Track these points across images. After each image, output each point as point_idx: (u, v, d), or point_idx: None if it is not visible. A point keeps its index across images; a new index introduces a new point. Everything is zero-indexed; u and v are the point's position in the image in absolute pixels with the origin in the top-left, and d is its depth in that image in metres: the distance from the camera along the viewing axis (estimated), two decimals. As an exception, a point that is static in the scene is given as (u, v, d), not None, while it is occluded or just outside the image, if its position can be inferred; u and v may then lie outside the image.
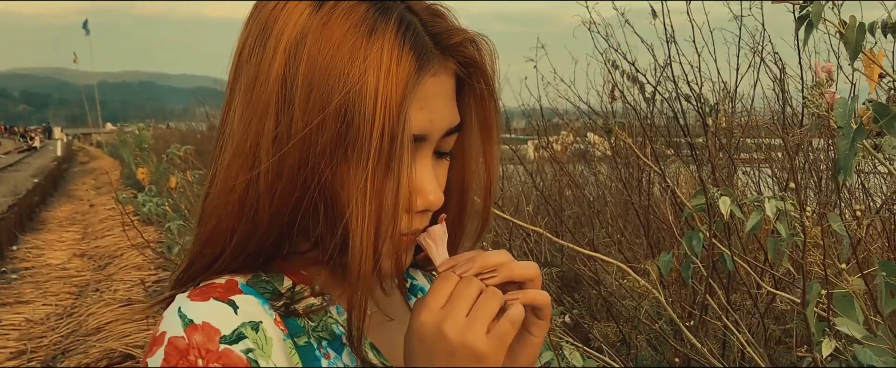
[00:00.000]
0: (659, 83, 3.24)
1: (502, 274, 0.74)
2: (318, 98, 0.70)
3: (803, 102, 2.27)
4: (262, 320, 0.74)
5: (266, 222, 0.74)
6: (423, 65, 0.72)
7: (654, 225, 3.28)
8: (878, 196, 3.07)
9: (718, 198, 2.37)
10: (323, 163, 0.71)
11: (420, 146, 0.76)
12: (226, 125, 0.77)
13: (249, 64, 0.75)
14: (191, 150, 6.89)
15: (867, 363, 1.61)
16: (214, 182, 0.77)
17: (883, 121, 1.55)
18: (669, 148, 3.81)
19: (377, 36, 0.71)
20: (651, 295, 2.60)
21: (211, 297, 0.74)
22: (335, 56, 0.70)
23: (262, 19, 0.75)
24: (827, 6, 1.86)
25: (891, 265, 1.70)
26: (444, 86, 0.76)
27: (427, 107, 0.74)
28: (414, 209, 0.76)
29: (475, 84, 0.79)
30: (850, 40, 1.86)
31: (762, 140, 3.96)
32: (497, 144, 0.84)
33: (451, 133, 0.78)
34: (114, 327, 5.28)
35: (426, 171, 0.77)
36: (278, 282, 0.79)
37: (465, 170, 0.83)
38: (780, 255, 2.13)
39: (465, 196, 0.84)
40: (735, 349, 2.73)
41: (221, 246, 0.76)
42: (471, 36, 0.77)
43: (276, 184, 0.72)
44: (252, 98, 0.73)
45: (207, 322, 0.71)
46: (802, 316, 2.88)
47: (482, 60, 0.78)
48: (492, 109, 0.81)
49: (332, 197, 0.73)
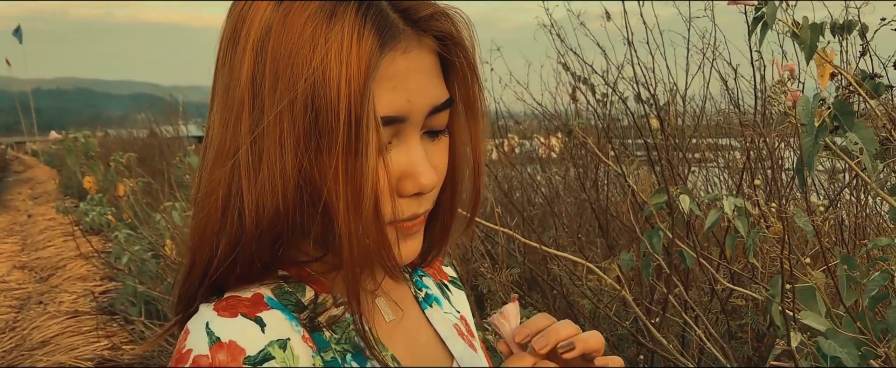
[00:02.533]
0: (616, 84, 3.28)
1: (579, 347, 0.73)
2: (284, 88, 0.69)
3: (765, 100, 2.32)
4: (289, 337, 0.72)
5: (252, 222, 0.71)
6: (387, 42, 0.70)
7: (612, 225, 3.32)
8: (826, 193, 3.16)
9: (678, 197, 2.41)
10: (299, 154, 0.69)
11: (403, 127, 0.73)
12: (209, 128, 0.76)
13: (224, 68, 0.74)
14: (134, 158, 6.77)
15: (831, 354, 1.65)
16: (200, 187, 0.75)
17: (843, 119, 1.59)
18: (622, 148, 3.86)
19: (337, 19, 0.69)
20: (615, 293, 2.63)
21: (238, 313, 0.72)
22: (297, 45, 0.69)
23: (231, 22, 0.74)
24: (780, 7, 1.91)
25: (851, 259, 1.75)
26: (419, 62, 0.73)
27: (401, 87, 0.71)
28: (405, 193, 0.74)
29: (454, 59, 0.76)
30: (804, 40, 1.91)
31: (711, 139, 4.04)
32: (482, 120, 0.81)
33: (438, 110, 0.75)
34: (61, 340, 5.14)
35: (413, 153, 0.74)
36: (301, 293, 0.78)
37: (455, 149, 0.81)
38: (744, 251, 2.17)
39: (456, 176, 0.82)
40: (694, 345, 2.78)
41: (210, 251, 0.74)
42: (442, 10, 0.75)
43: (256, 179, 0.70)
44: (227, 100, 0.72)
45: (234, 342, 0.69)
46: (758, 311, 2.94)
47: (459, 34, 0.76)
48: (474, 84, 0.79)
49: (314, 187, 0.71)
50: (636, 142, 3.94)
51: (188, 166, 4.09)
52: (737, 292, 2.66)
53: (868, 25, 2.29)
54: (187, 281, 0.77)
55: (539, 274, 3.15)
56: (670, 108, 3.70)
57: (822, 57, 1.86)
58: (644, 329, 2.64)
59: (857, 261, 1.75)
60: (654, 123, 3.62)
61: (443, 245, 0.86)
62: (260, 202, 0.71)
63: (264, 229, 0.72)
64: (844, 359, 1.63)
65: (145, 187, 6.57)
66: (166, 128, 13.45)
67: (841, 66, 2.35)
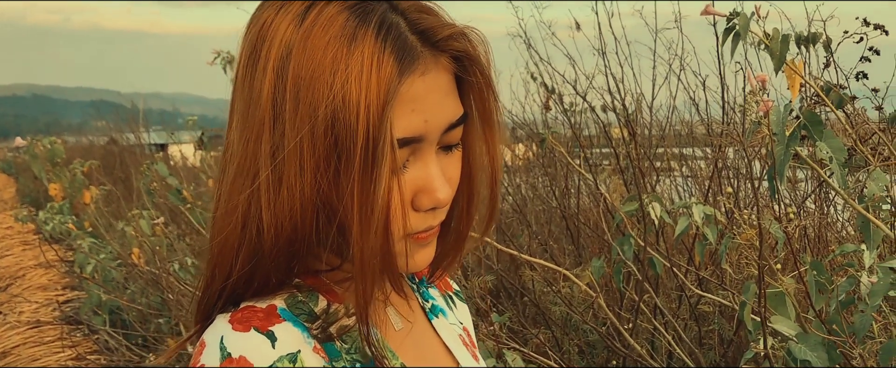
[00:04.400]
0: (586, 94, 3.32)
1: None
2: (305, 112, 0.71)
3: (732, 110, 2.37)
4: (300, 349, 0.75)
5: (270, 240, 0.74)
6: (406, 67, 0.72)
7: (582, 232, 3.36)
8: (791, 201, 3.22)
9: (649, 204, 2.45)
10: (318, 176, 0.71)
11: (420, 146, 0.75)
12: (228, 145, 0.78)
13: (244, 85, 0.76)
14: (96, 165, 6.67)
15: (801, 357, 1.69)
16: (220, 203, 0.78)
17: (813, 129, 1.64)
18: (587, 157, 3.90)
19: (357, 43, 0.71)
20: (586, 300, 2.67)
21: (252, 327, 0.74)
22: (318, 69, 0.70)
23: (251, 39, 0.76)
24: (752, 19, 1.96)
25: (820, 265, 1.79)
26: (436, 83, 0.75)
27: (419, 109, 0.73)
28: (421, 208, 0.77)
29: (471, 77, 0.78)
30: (774, 51, 1.96)
31: (676, 149, 4.11)
32: (498, 133, 0.84)
33: (454, 126, 0.78)
34: (22, 350, 5.05)
35: (430, 170, 0.76)
36: (314, 303, 0.80)
37: (471, 160, 0.83)
38: (711, 258, 2.21)
39: (473, 186, 0.84)
40: (663, 349, 2.83)
41: (229, 267, 0.77)
42: (460, 29, 0.77)
43: (275, 200, 0.73)
44: (248, 119, 0.74)
45: (243, 357, 0.72)
46: (724, 317, 3.00)
47: (476, 52, 0.78)
48: (491, 99, 0.81)
49: (331, 208, 0.73)
50: (603, 151, 4.00)
51: (156, 174, 4.06)
52: (705, 298, 2.71)
53: (831, 38, 2.35)
54: (206, 294, 0.80)
55: (510, 281, 3.18)
56: (638, 118, 3.76)
57: (792, 68, 1.91)
58: (614, 335, 2.68)
59: (825, 267, 1.80)
60: (617, 133, 3.68)
61: (458, 253, 0.88)
62: (278, 222, 0.73)
63: (282, 247, 0.75)
64: (814, 362, 1.68)
65: (106, 196, 6.49)
66: (127, 136, 13.28)
67: (805, 78, 2.41)
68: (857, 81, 2.39)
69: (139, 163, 6.05)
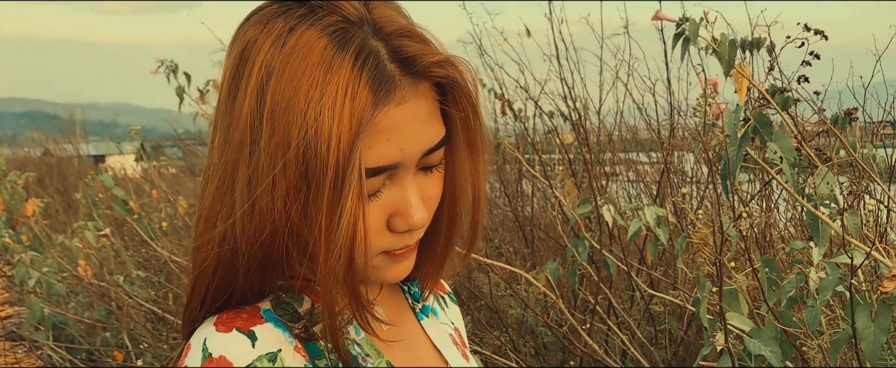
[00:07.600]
0: (538, 99, 3.37)
1: None
2: (280, 139, 0.71)
3: (693, 112, 2.43)
4: (280, 348, 0.76)
5: (244, 262, 0.76)
6: (382, 98, 0.71)
7: (537, 236, 3.40)
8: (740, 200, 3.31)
9: (603, 207, 2.50)
10: (289, 203, 0.72)
11: (396, 172, 0.76)
12: (210, 162, 0.79)
13: (227, 103, 0.76)
14: (32, 177, 6.51)
15: (756, 352, 1.75)
16: (200, 219, 0.79)
17: (763, 130, 1.70)
18: (538, 161, 3.96)
19: (333, 73, 0.70)
20: (543, 302, 2.70)
21: (234, 327, 0.76)
22: (294, 98, 0.71)
23: (235, 57, 0.76)
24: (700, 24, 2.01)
25: (772, 262, 1.85)
26: (414, 111, 0.74)
27: (394, 138, 0.73)
28: (397, 230, 0.78)
29: (454, 105, 0.78)
30: (723, 55, 2.02)
31: (623, 154, 4.18)
32: (483, 159, 0.84)
33: (434, 150, 0.77)
34: (-40, 368, 4.89)
35: (407, 194, 0.77)
36: (298, 304, 0.81)
37: (455, 181, 0.83)
38: (668, 258, 2.26)
39: (456, 207, 0.84)
40: (617, 349, 2.88)
41: (207, 282, 0.79)
42: (444, 57, 0.75)
43: (249, 224, 0.74)
44: (228, 139, 0.75)
45: (223, 356, 0.73)
46: (674, 317, 3.06)
47: (463, 79, 0.77)
48: (476, 126, 0.81)
49: (300, 236, 0.74)
50: (552, 156, 4.05)
51: (100, 185, 3.98)
52: (657, 298, 2.77)
53: (775, 43, 2.43)
54: (189, 307, 0.81)
55: (464, 284, 3.20)
56: (586, 123, 3.82)
57: (740, 72, 1.97)
58: (570, 336, 2.72)
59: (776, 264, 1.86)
60: (568, 138, 3.74)
61: (437, 275, 0.90)
62: (251, 245, 0.75)
63: (254, 269, 0.77)
64: (769, 357, 1.73)
65: (45, 209, 6.32)
66: (64, 147, 12.97)
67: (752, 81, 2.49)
68: (799, 84, 2.47)
69: (79, 175, 5.92)
